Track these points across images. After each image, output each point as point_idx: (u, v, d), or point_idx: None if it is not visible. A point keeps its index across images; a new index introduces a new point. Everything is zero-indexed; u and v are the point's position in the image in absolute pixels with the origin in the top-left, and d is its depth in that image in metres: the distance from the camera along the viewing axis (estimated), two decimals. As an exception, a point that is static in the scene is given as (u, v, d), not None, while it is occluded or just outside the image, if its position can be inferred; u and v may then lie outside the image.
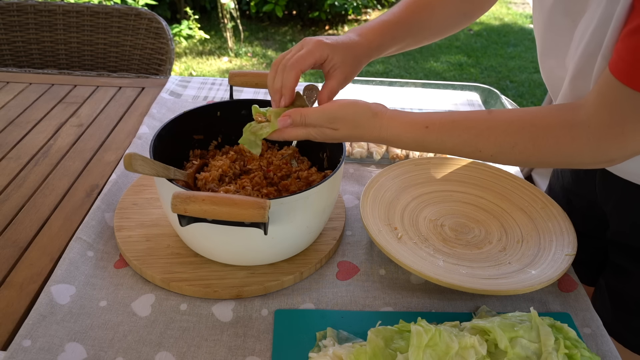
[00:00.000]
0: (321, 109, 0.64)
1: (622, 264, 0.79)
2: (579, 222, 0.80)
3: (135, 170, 0.60)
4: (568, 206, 0.84)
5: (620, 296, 0.80)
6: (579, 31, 0.61)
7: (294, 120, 0.64)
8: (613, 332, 0.79)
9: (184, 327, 0.65)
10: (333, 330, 0.64)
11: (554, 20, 0.66)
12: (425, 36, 0.81)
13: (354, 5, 4.50)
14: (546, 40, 0.69)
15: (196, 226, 0.59)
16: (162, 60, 1.56)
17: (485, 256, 0.76)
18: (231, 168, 0.80)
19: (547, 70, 0.73)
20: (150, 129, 1.06)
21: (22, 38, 1.55)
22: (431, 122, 0.62)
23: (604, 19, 0.55)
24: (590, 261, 0.90)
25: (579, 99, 0.62)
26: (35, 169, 0.95)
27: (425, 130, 0.62)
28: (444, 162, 0.92)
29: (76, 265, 0.72)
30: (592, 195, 0.82)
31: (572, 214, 0.81)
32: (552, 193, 0.95)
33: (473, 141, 0.61)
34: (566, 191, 0.90)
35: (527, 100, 3.44)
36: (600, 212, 0.82)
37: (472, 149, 0.62)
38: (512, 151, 0.60)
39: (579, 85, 0.63)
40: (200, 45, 4.14)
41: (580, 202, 0.87)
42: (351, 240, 0.81)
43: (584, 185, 0.84)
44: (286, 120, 0.63)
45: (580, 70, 0.61)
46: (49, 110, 1.14)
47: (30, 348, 0.61)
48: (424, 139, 0.63)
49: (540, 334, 0.58)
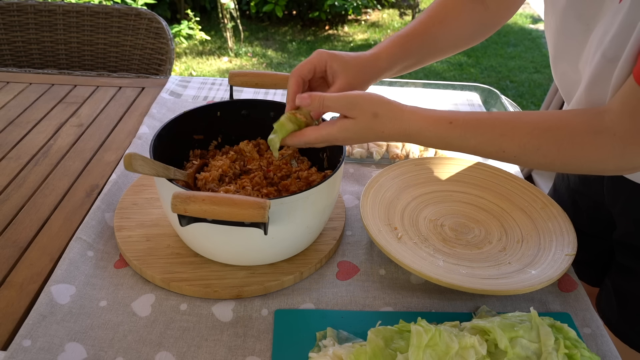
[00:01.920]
0: (340, 94, 0.63)
1: (628, 265, 0.79)
2: (584, 223, 0.80)
3: (135, 170, 0.60)
4: (573, 207, 0.84)
5: (626, 296, 0.80)
6: (595, 36, 0.60)
7: (313, 102, 0.63)
8: (618, 332, 0.79)
9: (184, 327, 0.65)
10: (333, 330, 0.64)
11: (566, 25, 0.65)
12: (441, 48, 0.79)
13: (354, 5, 4.50)
14: (559, 44, 0.68)
15: (196, 226, 0.59)
16: (162, 60, 1.56)
17: (485, 256, 0.76)
18: (231, 168, 0.80)
19: (559, 74, 0.72)
20: (150, 129, 1.06)
21: (22, 38, 1.55)
22: (455, 119, 0.61)
23: (625, 26, 0.55)
24: (595, 261, 0.90)
25: (595, 104, 0.62)
26: (35, 169, 0.95)
27: (449, 126, 0.61)
28: (444, 162, 0.92)
29: (76, 265, 0.72)
30: (599, 196, 0.82)
31: (577, 215, 0.81)
32: (557, 194, 0.95)
33: (497, 140, 0.60)
34: (572, 192, 0.90)
35: (527, 100, 3.44)
36: (607, 213, 0.82)
37: (496, 149, 0.60)
38: (536, 154, 0.59)
39: (596, 91, 0.62)
40: (200, 45, 4.14)
41: (586, 203, 0.86)
42: (351, 240, 0.81)
43: (591, 186, 0.84)
44: (305, 98, 0.63)
45: (597, 75, 0.60)
46: (49, 110, 1.14)
47: (30, 348, 0.61)
48: (448, 135, 0.61)
49: (540, 334, 0.58)
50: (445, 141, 0.62)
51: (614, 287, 0.81)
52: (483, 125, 0.61)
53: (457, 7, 0.77)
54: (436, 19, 0.77)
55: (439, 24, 0.77)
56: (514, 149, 0.60)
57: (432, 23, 0.77)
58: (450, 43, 0.79)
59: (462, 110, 0.64)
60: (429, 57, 0.79)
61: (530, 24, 4.89)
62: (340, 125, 0.63)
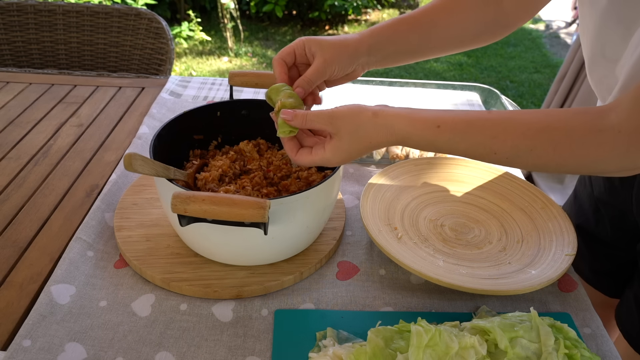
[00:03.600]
0: (321, 110, 0.63)
1: None
2: (606, 233, 0.78)
3: (135, 170, 0.60)
4: (596, 215, 0.81)
5: None
6: (634, 39, 0.57)
7: (296, 118, 0.62)
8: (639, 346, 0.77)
9: (184, 327, 0.65)
10: (333, 330, 0.64)
11: (606, 27, 0.62)
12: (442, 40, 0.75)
13: (354, 5, 4.50)
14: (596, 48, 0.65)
15: (196, 226, 0.59)
16: (162, 60, 1.56)
17: (485, 256, 0.76)
18: (231, 168, 0.80)
19: (596, 80, 0.69)
20: (150, 129, 1.06)
21: (22, 38, 1.55)
22: (443, 122, 0.58)
23: None
24: (616, 272, 0.87)
25: None
26: (35, 169, 0.95)
27: (437, 130, 0.58)
28: (444, 162, 0.92)
29: (76, 265, 0.72)
30: (626, 205, 0.78)
31: (599, 224, 0.78)
32: (577, 201, 0.91)
33: (488, 143, 0.57)
34: (595, 200, 0.86)
35: (527, 100, 3.44)
36: (633, 223, 0.78)
37: (487, 151, 0.58)
38: (530, 155, 0.56)
39: None
40: (200, 45, 4.14)
41: (610, 212, 0.83)
42: (351, 240, 0.81)
43: (619, 194, 0.80)
44: (289, 114, 0.63)
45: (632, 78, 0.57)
46: (49, 110, 1.14)
47: (30, 348, 0.61)
48: (436, 139, 0.59)
49: (540, 334, 0.58)
50: (435, 145, 0.60)
51: (636, 299, 0.79)
52: (472, 127, 0.58)
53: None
54: (441, 7, 0.73)
55: (443, 12, 0.73)
56: (505, 150, 0.57)
57: (436, 11, 0.73)
58: (453, 36, 0.75)
59: (452, 110, 0.62)
60: (425, 48, 0.75)
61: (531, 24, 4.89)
62: (329, 147, 0.62)
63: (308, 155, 0.64)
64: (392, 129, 0.60)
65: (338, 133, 0.61)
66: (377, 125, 0.60)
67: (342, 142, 0.61)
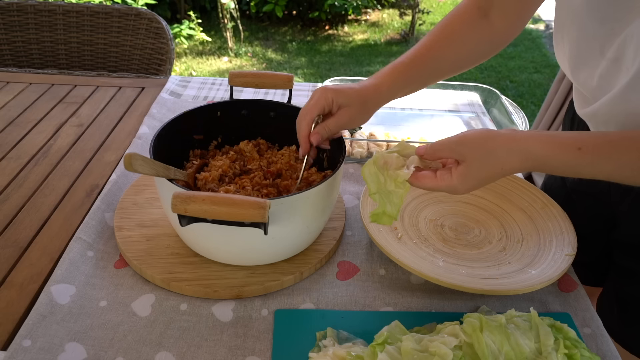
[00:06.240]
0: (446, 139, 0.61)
1: (629, 266, 0.78)
2: (582, 223, 0.79)
3: (135, 170, 0.60)
4: (569, 205, 0.83)
5: (627, 300, 0.78)
6: None
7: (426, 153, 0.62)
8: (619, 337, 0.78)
9: (184, 327, 0.65)
10: (333, 330, 0.64)
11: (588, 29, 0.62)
12: (445, 70, 0.78)
13: (354, 5, 4.50)
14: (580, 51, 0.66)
15: (196, 226, 0.59)
16: (162, 60, 1.56)
17: (485, 256, 0.76)
18: (231, 168, 0.80)
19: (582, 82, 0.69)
20: (150, 129, 1.06)
21: (22, 38, 1.55)
22: (584, 144, 0.55)
23: None
24: (594, 263, 0.88)
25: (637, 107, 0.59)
26: (35, 169, 0.95)
27: (578, 153, 0.55)
28: (444, 162, 0.92)
29: (76, 265, 0.72)
30: (602, 194, 0.80)
31: (574, 214, 0.80)
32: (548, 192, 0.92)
33: (636, 164, 0.54)
34: (568, 190, 0.88)
35: (527, 100, 3.44)
36: (608, 212, 0.80)
37: (635, 172, 0.55)
38: None
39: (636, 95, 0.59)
40: (201, 46, 4.14)
41: (585, 202, 0.85)
42: (351, 240, 0.81)
43: (594, 184, 0.80)
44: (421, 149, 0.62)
45: None
46: (49, 110, 1.14)
47: (30, 348, 0.61)
48: (577, 164, 0.56)
49: (540, 334, 0.58)
50: (575, 170, 0.57)
51: (615, 291, 0.80)
52: (618, 148, 0.55)
53: (462, 27, 0.76)
54: (441, 41, 0.76)
55: (444, 45, 0.76)
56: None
57: (437, 46, 0.75)
58: (455, 64, 0.78)
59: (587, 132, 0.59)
60: (432, 80, 0.78)
61: (531, 24, 4.89)
62: (457, 174, 0.59)
63: (433, 179, 0.61)
64: (527, 154, 0.57)
65: (465, 160, 0.58)
66: (510, 151, 0.57)
67: (471, 169, 0.58)
